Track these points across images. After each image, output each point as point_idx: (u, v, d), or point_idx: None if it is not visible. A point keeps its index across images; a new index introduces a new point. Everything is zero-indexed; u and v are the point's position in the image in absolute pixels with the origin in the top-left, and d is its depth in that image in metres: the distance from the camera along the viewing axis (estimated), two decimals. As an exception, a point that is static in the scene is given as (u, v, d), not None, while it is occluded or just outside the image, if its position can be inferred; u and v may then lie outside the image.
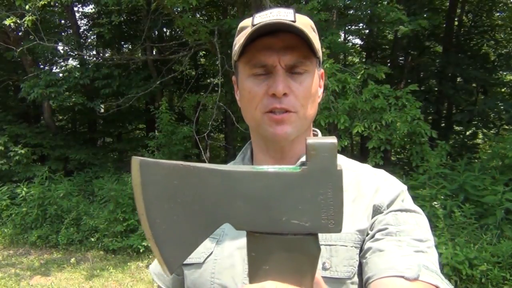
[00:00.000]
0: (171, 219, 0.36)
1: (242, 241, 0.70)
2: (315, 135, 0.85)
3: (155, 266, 0.91)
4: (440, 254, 3.75)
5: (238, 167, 0.38)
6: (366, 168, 0.80)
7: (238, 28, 0.78)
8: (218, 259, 0.73)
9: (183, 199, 0.36)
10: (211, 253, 0.75)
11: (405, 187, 0.76)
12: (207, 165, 0.37)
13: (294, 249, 0.36)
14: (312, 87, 0.73)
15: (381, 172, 0.79)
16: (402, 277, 0.59)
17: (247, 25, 0.74)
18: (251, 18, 0.72)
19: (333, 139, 0.36)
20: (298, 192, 0.35)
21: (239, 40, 0.74)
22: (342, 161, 0.81)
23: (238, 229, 0.37)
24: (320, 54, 0.75)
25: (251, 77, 0.72)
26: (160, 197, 0.35)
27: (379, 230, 0.68)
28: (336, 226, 0.36)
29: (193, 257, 0.76)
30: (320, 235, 0.65)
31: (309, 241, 0.37)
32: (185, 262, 0.75)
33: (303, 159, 0.39)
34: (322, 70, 0.81)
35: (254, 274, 0.38)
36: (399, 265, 0.61)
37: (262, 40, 0.69)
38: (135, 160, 0.37)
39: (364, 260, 0.66)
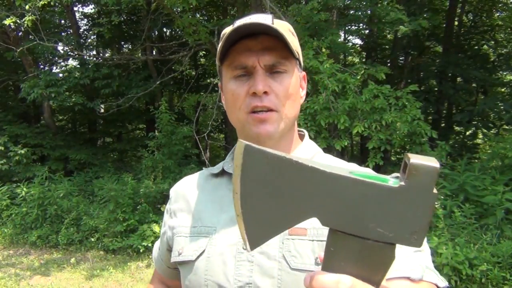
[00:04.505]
0: (262, 202, 0.39)
1: (233, 239, 0.74)
2: (301, 135, 0.88)
3: (154, 251, 1.02)
4: (440, 254, 3.75)
5: (337, 169, 0.39)
6: (355, 165, 0.83)
7: (221, 36, 0.81)
8: (210, 257, 0.75)
9: (279, 188, 0.38)
10: (204, 251, 0.76)
11: None
12: (307, 161, 0.39)
13: (372, 253, 0.39)
14: (291, 86, 0.76)
15: (369, 170, 0.82)
16: (408, 278, 0.63)
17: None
18: (232, 26, 0.76)
19: (435, 163, 0.37)
20: (391, 205, 0.37)
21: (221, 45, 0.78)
22: (330, 160, 0.85)
23: (324, 225, 0.40)
24: (300, 56, 0.79)
25: (233, 79, 0.76)
26: (257, 181, 0.38)
27: None
28: (418, 241, 0.38)
29: (186, 255, 0.78)
30: (309, 230, 0.71)
31: (387, 249, 0.39)
32: (178, 260, 0.80)
33: (397, 174, 0.42)
34: (304, 73, 0.84)
35: (329, 267, 0.40)
36: (404, 267, 0.64)
37: (242, 43, 0.73)
38: (241, 143, 0.39)
39: None
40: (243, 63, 0.74)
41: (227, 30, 0.79)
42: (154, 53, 9.45)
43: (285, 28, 0.77)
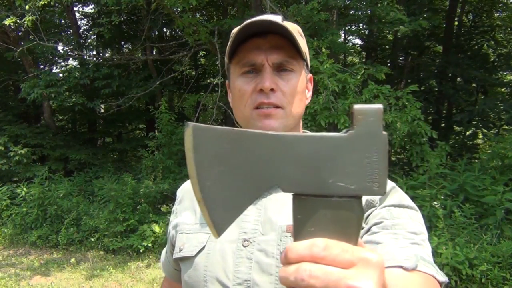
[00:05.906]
0: (221, 182, 0.37)
1: (234, 236, 0.75)
2: None
3: (162, 256, 1.02)
4: (440, 254, 3.75)
5: (286, 133, 0.39)
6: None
7: (231, 35, 0.82)
8: (210, 253, 0.76)
9: (234, 163, 0.37)
10: (204, 247, 0.78)
11: (394, 184, 0.79)
12: (257, 130, 0.38)
13: (339, 211, 0.37)
14: (298, 85, 0.77)
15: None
16: (401, 267, 0.61)
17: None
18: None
19: (379, 105, 0.37)
20: (345, 155, 0.36)
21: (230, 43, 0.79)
22: None
23: (286, 192, 0.38)
24: (307, 58, 0.81)
25: (241, 76, 0.77)
26: (211, 161, 0.37)
27: (375, 224, 0.70)
28: (380, 188, 0.36)
29: (186, 251, 0.80)
30: None
31: (353, 203, 0.37)
32: (179, 256, 0.81)
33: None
34: (310, 75, 0.85)
35: (299, 236, 0.38)
36: (397, 256, 0.62)
37: (251, 41, 0.75)
38: (188, 125, 0.37)
39: None
40: (251, 60, 0.75)
41: (237, 29, 0.81)
42: (154, 53, 9.45)
43: (294, 28, 0.78)
